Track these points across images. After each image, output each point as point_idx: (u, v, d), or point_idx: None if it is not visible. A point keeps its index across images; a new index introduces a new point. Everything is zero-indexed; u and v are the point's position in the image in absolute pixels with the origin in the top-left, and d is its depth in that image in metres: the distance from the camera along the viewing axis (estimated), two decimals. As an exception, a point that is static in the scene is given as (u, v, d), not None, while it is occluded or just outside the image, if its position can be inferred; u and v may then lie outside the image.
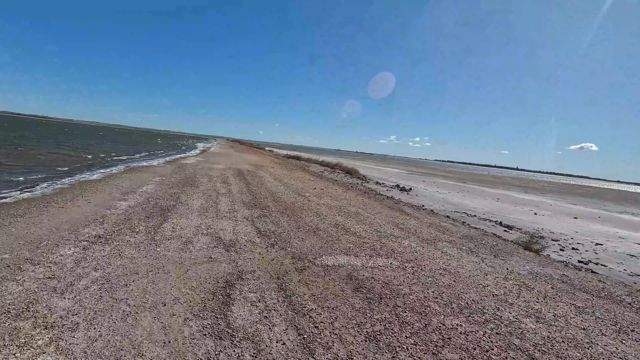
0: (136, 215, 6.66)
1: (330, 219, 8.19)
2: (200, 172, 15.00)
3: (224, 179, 13.43)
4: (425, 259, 5.82)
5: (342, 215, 8.72)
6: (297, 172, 21.56)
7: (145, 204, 7.67)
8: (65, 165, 14.31)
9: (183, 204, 8.09)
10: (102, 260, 4.24)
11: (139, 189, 9.70)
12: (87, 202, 7.43)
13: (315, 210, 9.05)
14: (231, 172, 16.27)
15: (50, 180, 10.30)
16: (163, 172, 14.21)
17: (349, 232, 7.06)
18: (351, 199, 12.23)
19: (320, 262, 4.97)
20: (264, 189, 11.92)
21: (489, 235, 9.36)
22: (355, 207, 10.30)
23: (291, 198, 10.61)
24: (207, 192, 10.03)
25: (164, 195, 8.97)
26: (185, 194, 9.48)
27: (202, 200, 8.76)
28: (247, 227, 6.54)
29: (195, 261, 4.52)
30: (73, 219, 6.06)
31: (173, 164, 18.64)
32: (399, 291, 4.20)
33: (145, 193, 9.04)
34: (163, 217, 6.69)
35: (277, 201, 9.78)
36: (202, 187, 11.01)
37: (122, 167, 15.62)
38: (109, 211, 6.81)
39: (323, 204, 10.29)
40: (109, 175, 12.25)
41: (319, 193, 12.59)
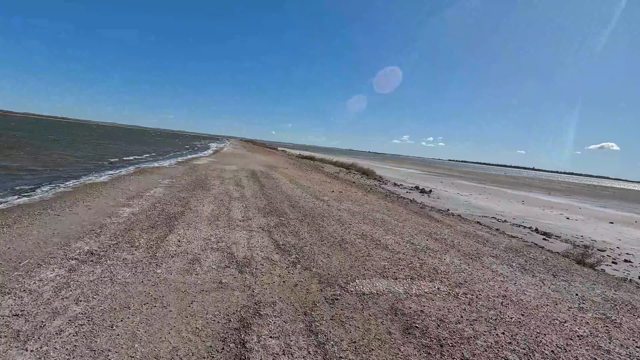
0: (139, 224, 5.88)
1: (356, 227, 7.26)
2: (212, 174, 14.27)
3: (237, 181, 12.65)
4: (477, 281, 4.83)
5: (367, 223, 7.78)
6: (312, 173, 20.69)
7: (151, 211, 6.91)
8: (74, 166, 13.80)
9: (192, 210, 7.30)
10: (89, 288, 3.43)
11: (146, 192, 8.97)
12: (87, 209, 6.70)
13: (337, 217, 8.14)
14: (244, 174, 15.51)
15: (54, 182, 9.70)
16: (173, 173, 13.53)
17: (380, 245, 6.12)
18: (373, 203, 11.26)
19: (354, 288, 4.05)
20: (280, 193, 11.07)
21: (533, 247, 8.28)
22: (379, 213, 9.34)
23: (309, 203, 9.72)
24: (219, 196, 9.23)
25: (172, 199, 8.21)
26: (195, 198, 8.70)
27: (213, 205, 7.96)
28: (264, 240, 5.67)
29: (202, 288, 3.67)
30: (67, 229, 5.31)
31: (185, 164, 18.02)
32: (461, 333, 3.25)
33: (152, 197, 8.30)
34: (168, 226, 5.89)
35: (295, 206, 8.90)
36: (214, 190, 10.23)
37: (132, 168, 15.05)
38: (109, 220, 6.05)
39: (345, 209, 9.36)
40: (117, 177, 11.61)
41: (338, 197, 11.67)
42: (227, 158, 26.31)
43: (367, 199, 11.95)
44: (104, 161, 16.94)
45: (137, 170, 14.19)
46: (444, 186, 26.21)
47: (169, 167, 16.44)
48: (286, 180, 14.84)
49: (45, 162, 14.23)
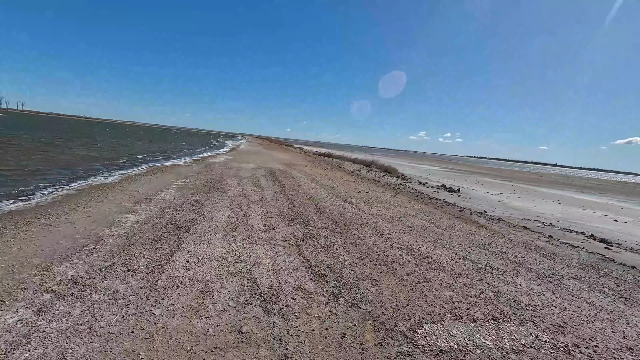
0: (142, 237, 4.89)
1: (396, 238, 6.08)
2: (228, 173, 13.32)
3: (255, 181, 11.64)
4: (579, 321, 3.59)
5: (408, 232, 6.58)
6: (333, 171, 19.54)
7: (158, 219, 5.93)
8: (85, 166, 13.11)
9: (206, 217, 6.28)
10: (55, 345, 2.40)
11: (156, 195, 8.04)
12: (86, 217, 5.78)
13: (371, 224, 6.97)
14: (262, 173, 14.51)
15: (59, 184, 8.90)
16: (188, 172, 12.65)
17: (434, 264, 4.92)
18: (405, 205, 10.03)
19: (425, 339, 2.90)
20: (302, 194, 9.97)
21: (607, 261, 6.87)
22: (417, 219, 8.12)
23: (337, 206, 8.59)
24: (236, 199, 8.21)
25: (184, 204, 7.23)
26: (210, 201, 7.71)
27: (229, 211, 6.93)
28: (292, 259, 4.58)
29: (214, 343, 2.60)
30: (54, 245, 4.36)
31: (200, 163, 17.19)
32: None
33: (162, 201, 7.35)
34: (177, 240, 4.87)
35: (322, 211, 7.79)
36: (231, 192, 9.22)
37: (145, 167, 14.28)
38: (108, 230, 5.08)
39: (377, 214, 8.18)
40: (127, 177, 10.79)
41: (366, 198, 10.49)
42: (243, 156, 25.47)
43: (397, 201, 10.72)
44: (117, 160, 16.28)
45: (150, 169, 13.40)
46: (470, 184, 24.56)
47: (184, 165, 15.62)
48: (307, 179, 13.74)
49: (56, 162, 13.62)
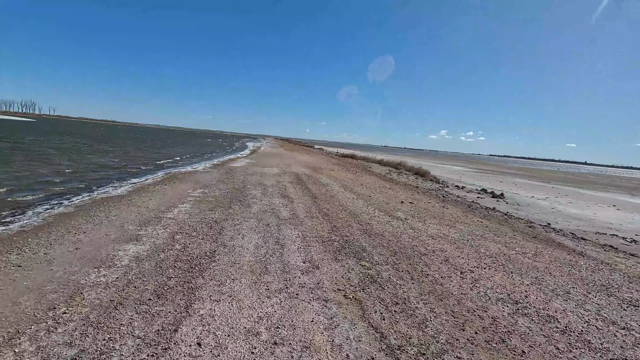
0: (137, 289, 3.43)
1: (484, 279, 4.39)
2: (251, 180, 11.90)
3: (282, 190, 10.14)
4: None
5: (493, 267, 4.89)
6: (363, 175, 17.86)
7: (166, 252, 4.48)
8: (97, 174, 12.00)
9: (227, 247, 4.79)
10: None
11: (167, 212, 6.66)
12: (73, 250, 4.40)
13: (439, 253, 5.30)
14: (288, 179, 13.02)
15: (59, 198, 7.69)
16: (207, 180, 11.31)
17: (569, 333, 3.21)
18: (462, 220, 8.27)
19: None
20: (339, 207, 8.39)
21: None
22: (489, 241, 6.39)
23: (385, 224, 6.95)
24: (264, 217, 6.72)
25: (200, 225, 5.80)
26: (232, 221, 6.25)
27: (256, 236, 5.42)
28: (358, 332, 2.99)
29: None
30: (5, 309, 2.94)
31: (220, 168, 15.91)
32: None
33: (174, 222, 5.94)
34: (187, 295, 3.39)
35: (369, 232, 6.18)
36: (256, 206, 7.74)
37: (161, 173, 13.08)
38: (94, 276, 3.66)
39: (437, 235, 6.49)
40: (140, 187, 9.53)
41: (413, 211, 8.79)
42: (265, 159, 24.16)
43: (450, 214, 8.95)
44: (133, 166, 15.22)
45: (166, 176, 12.16)
46: (508, 187, 22.21)
47: (203, 171, 14.36)
48: (338, 186, 12.14)
49: (65, 170, 12.60)
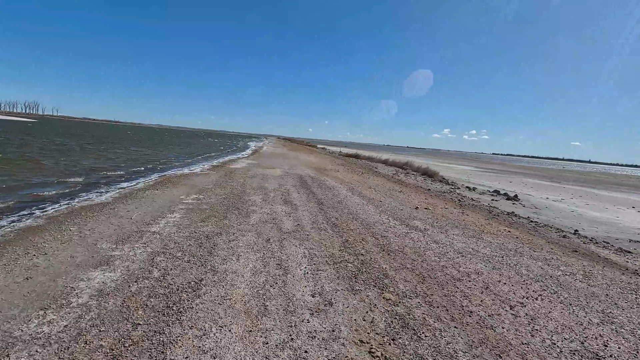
0: (87, 347, 2.51)
1: (547, 321, 3.44)
2: (251, 184, 10.98)
3: (284, 196, 9.22)
4: None
5: (545, 297, 3.95)
6: (370, 176, 16.90)
7: (139, 282, 3.57)
8: (85, 178, 11.11)
9: (217, 275, 3.87)
10: None
11: (153, 224, 5.76)
12: (21, 281, 3.49)
13: (474, 276, 4.36)
14: (292, 182, 12.09)
15: (35, 206, 6.81)
16: (203, 184, 10.40)
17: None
18: (486, 229, 7.32)
19: None
20: (349, 215, 7.45)
21: None
22: (526, 258, 5.44)
23: (404, 237, 6.02)
24: (264, 230, 5.80)
25: (188, 243, 4.88)
26: (227, 235, 5.33)
27: (254, 257, 4.50)
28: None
29: None
30: None
31: (219, 170, 15.01)
32: None
33: (158, 238, 5.02)
34: (157, 355, 2.45)
35: (388, 249, 5.25)
36: (255, 215, 6.82)
37: (154, 176, 12.19)
38: (34, 325, 2.76)
39: (465, 250, 5.55)
40: (128, 193, 8.63)
41: (431, 218, 7.84)
42: (267, 159, 23.24)
43: (472, 221, 7.99)
44: (126, 168, 14.33)
45: (159, 180, 11.26)
46: (519, 187, 21.16)
47: (201, 173, 13.45)
48: (346, 190, 11.20)
49: (52, 173, 11.73)
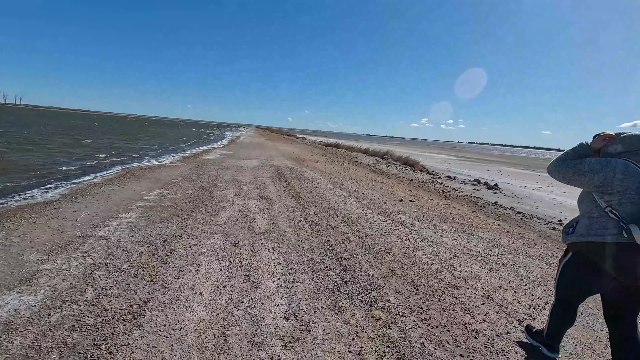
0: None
1: (564, 343, 2.92)
2: (224, 176, 10.14)
3: (259, 189, 8.48)
4: None
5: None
6: (351, 167, 16.34)
7: (63, 308, 2.81)
8: (35, 172, 9.92)
9: (168, 293, 3.15)
10: None
11: (102, 226, 4.91)
12: None
13: (476, 284, 3.85)
14: (268, 173, 11.32)
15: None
16: (170, 177, 9.47)
17: None
18: (475, 222, 6.91)
19: None
20: (329, 210, 6.83)
21: None
22: (525, 256, 5.01)
23: (390, 235, 5.46)
24: (233, 231, 5.07)
25: (140, 250, 4.10)
26: (188, 239, 4.58)
27: (218, 267, 3.79)
28: None
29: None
30: None
31: (190, 161, 13.99)
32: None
33: (103, 245, 4.21)
34: None
35: (375, 251, 4.65)
36: (225, 213, 6.07)
37: (116, 170, 11.09)
38: None
39: (460, 250, 5.05)
40: (81, 189, 7.62)
41: (417, 212, 7.34)
42: (244, 150, 22.24)
43: (460, 215, 7.57)
44: (83, 162, 13.06)
45: (121, 173, 10.21)
46: (498, 176, 21.25)
47: (169, 165, 12.43)
48: (326, 181, 10.56)
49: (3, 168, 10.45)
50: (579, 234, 2.07)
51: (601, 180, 1.90)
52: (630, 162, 1.88)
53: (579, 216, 2.17)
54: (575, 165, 2.01)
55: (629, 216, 1.82)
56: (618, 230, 1.84)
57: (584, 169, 1.97)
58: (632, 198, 1.83)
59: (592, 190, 2.00)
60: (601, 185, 1.91)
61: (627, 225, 1.79)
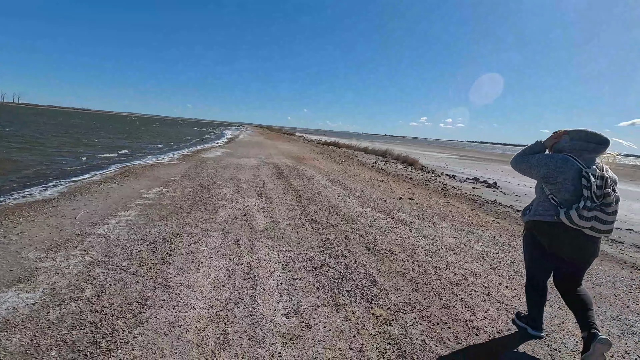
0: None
1: (564, 339, 2.93)
2: (223, 174, 10.12)
3: (259, 187, 8.46)
4: None
5: (563, 307, 3.43)
6: (350, 165, 16.32)
7: (62, 306, 2.80)
8: (33, 170, 9.88)
9: (168, 290, 3.13)
10: None
11: (102, 224, 4.89)
12: None
13: (477, 281, 3.86)
14: (267, 172, 11.30)
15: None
16: (169, 175, 9.45)
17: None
18: (475, 220, 6.92)
19: None
20: (329, 207, 6.82)
21: None
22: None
23: (391, 234, 5.45)
24: (232, 229, 5.06)
25: (139, 248, 4.09)
26: (188, 237, 4.57)
27: (218, 264, 3.78)
28: None
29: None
30: None
31: (190, 159, 13.96)
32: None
33: (103, 243, 4.19)
34: None
35: (375, 249, 4.65)
36: (224, 210, 6.06)
37: (115, 168, 11.07)
38: None
39: (460, 247, 5.04)
40: (79, 187, 7.60)
41: (416, 210, 7.34)
42: (243, 148, 22.20)
43: (460, 213, 7.57)
44: (85, 159, 13.03)
45: (119, 171, 10.17)
46: (496, 174, 21.23)
47: (169, 163, 12.40)
48: (325, 180, 10.55)
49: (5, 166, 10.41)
50: (531, 214, 2.49)
51: (545, 173, 2.33)
52: (569, 157, 2.28)
53: (533, 200, 2.59)
54: (528, 160, 2.45)
55: (565, 202, 2.25)
56: (555, 212, 2.26)
57: (533, 163, 2.41)
58: (568, 187, 2.24)
59: (539, 180, 2.44)
60: (545, 177, 2.34)
61: (559, 208, 2.23)
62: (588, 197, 2.12)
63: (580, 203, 2.14)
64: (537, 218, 2.41)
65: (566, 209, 2.19)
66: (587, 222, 2.11)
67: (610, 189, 2.16)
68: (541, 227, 2.38)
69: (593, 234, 2.18)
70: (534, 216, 2.45)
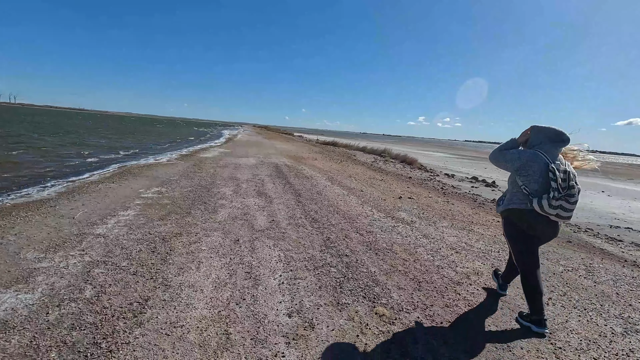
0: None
1: (571, 335, 2.92)
2: (222, 174, 10.08)
3: (258, 187, 8.43)
4: None
5: (567, 307, 3.43)
6: (349, 165, 16.30)
7: (62, 307, 2.76)
8: (28, 172, 9.81)
9: (169, 291, 3.11)
10: None
11: (100, 224, 4.85)
12: None
13: (480, 280, 3.83)
14: (266, 171, 11.26)
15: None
16: (168, 175, 9.40)
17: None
18: (475, 219, 6.91)
19: None
20: (329, 207, 6.80)
21: None
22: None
23: (392, 232, 5.43)
24: (232, 229, 5.03)
25: (139, 248, 4.05)
26: (187, 236, 4.53)
27: (218, 264, 3.75)
28: None
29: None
30: None
31: (188, 159, 13.90)
32: None
33: (102, 243, 4.15)
34: None
35: (377, 248, 4.63)
36: (224, 210, 6.02)
37: (113, 167, 11.01)
38: None
39: (461, 246, 5.03)
40: (77, 187, 7.55)
41: (416, 209, 7.33)
42: (242, 148, 22.14)
43: (460, 212, 7.56)
44: (84, 158, 12.96)
45: (118, 171, 10.11)
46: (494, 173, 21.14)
47: (167, 163, 12.34)
48: (325, 179, 10.52)
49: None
50: (506, 204, 2.79)
51: (517, 166, 2.63)
52: (538, 152, 2.56)
53: (506, 192, 2.89)
54: (503, 155, 2.75)
55: (534, 192, 2.55)
56: (529, 201, 2.57)
57: (508, 158, 2.70)
58: (537, 179, 2.54)
59: (513, 173, 2.72)
60: (518, 170, 2.63)
61: (531, 197, 2.55)
62: (555, 189, 2.43)
63: (550, 193, 2.44)
64: (512, 206, 2.70)
65: (538, 198, 2.50)
66: (554, 210, 2.45)
67: (573, 182, 2.46)
68: (517, 214, 2.67)
69: (556, 219, 2.52)
70: (509, 205, 2.74)
